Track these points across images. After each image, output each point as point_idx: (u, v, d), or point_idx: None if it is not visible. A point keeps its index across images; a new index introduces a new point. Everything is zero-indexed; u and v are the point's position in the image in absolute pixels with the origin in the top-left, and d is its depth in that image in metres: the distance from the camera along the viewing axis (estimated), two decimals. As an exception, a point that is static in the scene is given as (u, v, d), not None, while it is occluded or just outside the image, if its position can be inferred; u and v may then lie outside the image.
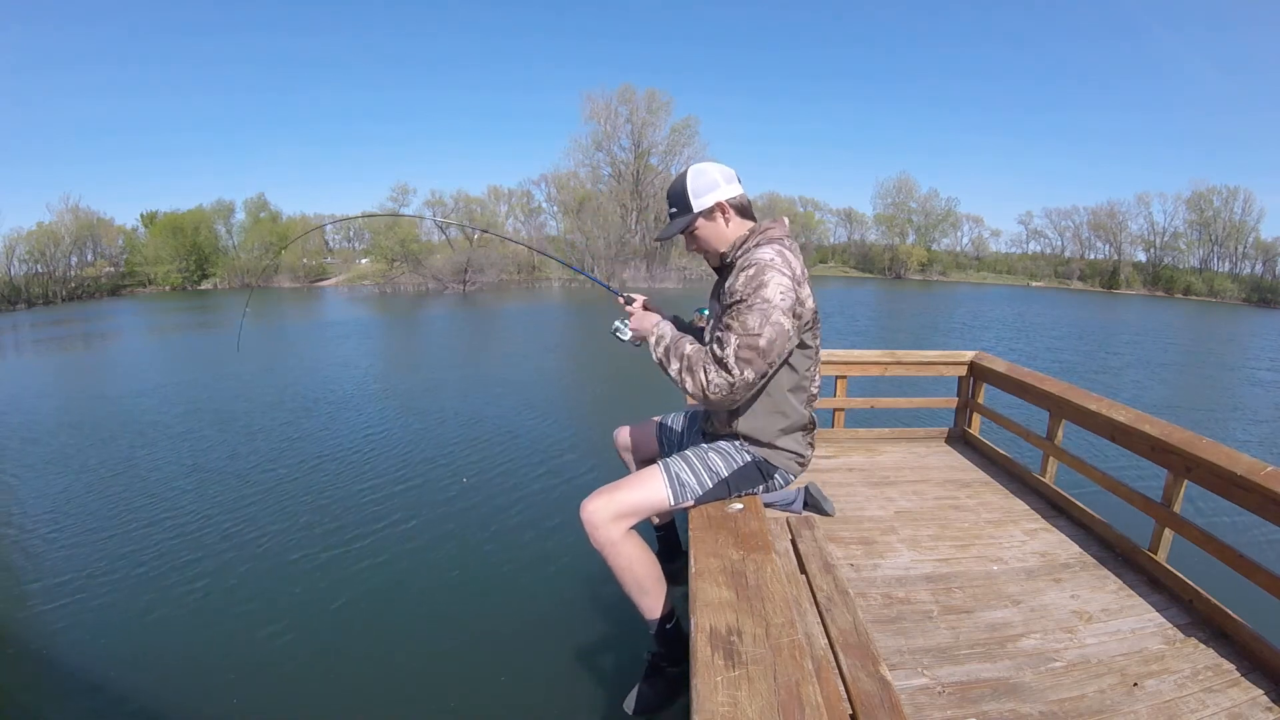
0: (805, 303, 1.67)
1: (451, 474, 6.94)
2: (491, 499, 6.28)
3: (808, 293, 1.68)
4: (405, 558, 5.13)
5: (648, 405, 10.53)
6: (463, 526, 5.67)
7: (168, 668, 3.87)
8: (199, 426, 9.16)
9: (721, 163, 1.80)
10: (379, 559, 5.10)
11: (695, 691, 1.06)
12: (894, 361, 4.65)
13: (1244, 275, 52.78)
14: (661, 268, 45.96)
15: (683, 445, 2.14)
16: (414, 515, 5.90)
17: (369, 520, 5.80)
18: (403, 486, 6.63)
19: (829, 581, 2.59)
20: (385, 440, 8.29)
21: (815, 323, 1.77)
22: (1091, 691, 2.08)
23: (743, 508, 1.80)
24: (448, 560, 5.09)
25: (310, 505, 6.18)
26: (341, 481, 6.82)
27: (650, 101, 47.60)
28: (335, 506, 6.13)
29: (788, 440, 1.88)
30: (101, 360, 17.18)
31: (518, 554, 5.19)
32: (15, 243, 42.54)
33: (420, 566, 5.01)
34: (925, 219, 62.13)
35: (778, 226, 1.77)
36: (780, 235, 1.74)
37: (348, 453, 7.80)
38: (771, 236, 1.74)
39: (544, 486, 6.63)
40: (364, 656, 3.92)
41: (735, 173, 1.79)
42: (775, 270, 1.60)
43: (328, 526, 5.68)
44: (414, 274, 43.47)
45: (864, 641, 2.19)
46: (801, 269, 1.68)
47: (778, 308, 1.58)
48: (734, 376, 1.60)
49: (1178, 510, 2.72)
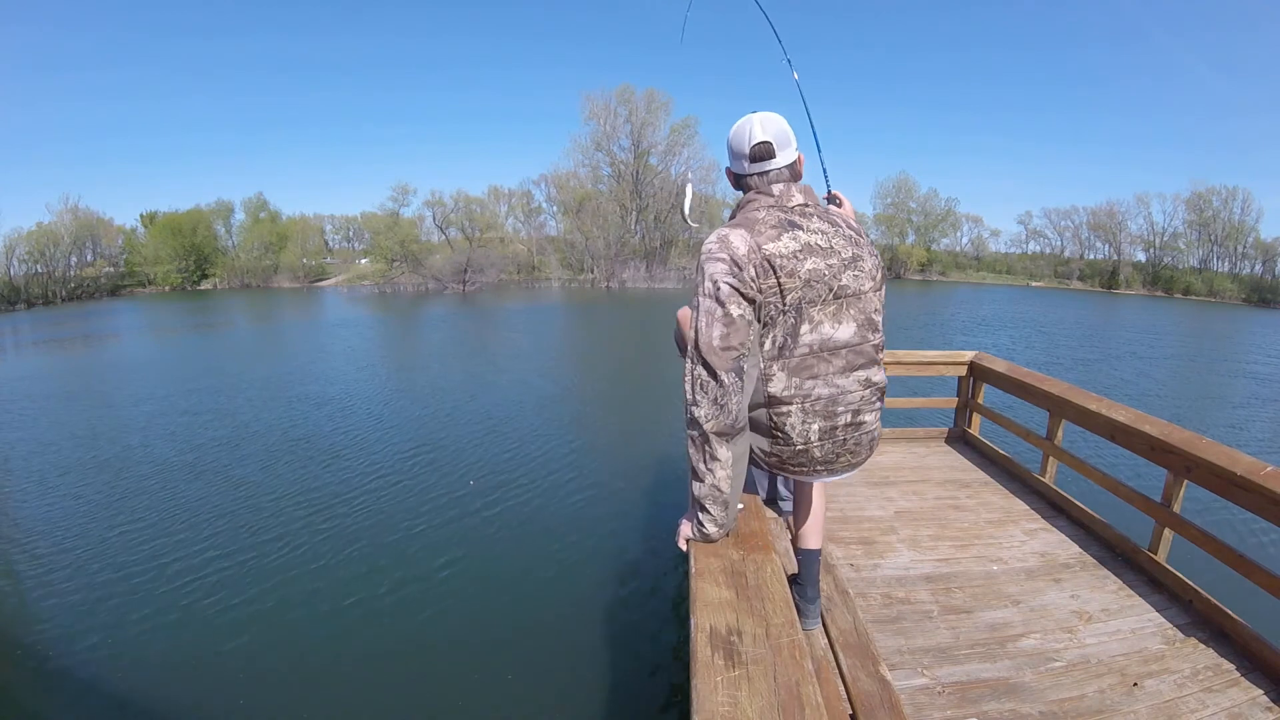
0: (752, 280, 1.51)
1: (458, 476, 6.93)
2: (497, 501, 6.27)
3: (756, 262, 1.51)
4: (409, 559, 5.13)
5: (651, 405, 10.55)
6: (469, 529, 5.67)
7: (170, 669, 3.87)
8: (200, 428, 9.16)
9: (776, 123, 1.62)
10: (383, 561, 5.10)
11: (695, 691, 1.06)
12: (894, 361, 4.64)
13: (1244, 275, 52.81)
14: (661, 267, 46.01)
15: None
16: (418, 517, 5.89)
17: (374, 521, 5.80)
18: (406, 488, 6.63)
19: (829, 581, 2.59)
20: (390, 441, 8.29)
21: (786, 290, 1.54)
22: (1091, 691, 2.08)
23: (743, 507, 1.79)
24: (452, 562, 5.09)
25: (313, 507, 6.18)
26: (345, 483, 6.81)
27: (650, 101, 47.68)
28: (340, 507, 6.13)
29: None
30: (103, 361, 17.18)
31: (521, 556, 5.19)
32: (15, 243, 42.61)
33: (424, 568, 5.00)
34: (925, 219, 62.13)
35: (761, 200, 1.61)
36: (760, 211, 1.59)
37: (351, 454, 7.80)
38: (754, 208, 1.60)
39: (548, 488, 6.62)
40: (366, 658, 3.92)
41: (781, 129, 1.63)
42: (710, 245, 1.53)
43: (331, 528, 5.68)
44: (413, 274, 43.48)
45: (864, 641, 2.19)
46: (757, 243, 1.51)
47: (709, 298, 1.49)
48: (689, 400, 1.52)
49: (1178, 510, 2.72)
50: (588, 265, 46.76)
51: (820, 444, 1.65)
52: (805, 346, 1.56)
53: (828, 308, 1.56)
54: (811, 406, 1.61)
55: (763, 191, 1.64)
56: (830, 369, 1.59)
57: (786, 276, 1.51)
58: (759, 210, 1.60)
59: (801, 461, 1.68)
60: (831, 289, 1.56)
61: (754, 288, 1.50)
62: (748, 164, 1.65)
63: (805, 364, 1.57)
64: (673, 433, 7.74)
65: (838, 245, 1.59)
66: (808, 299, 1.54)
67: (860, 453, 1.73)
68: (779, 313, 1.54)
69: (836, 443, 1.67)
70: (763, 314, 1.54)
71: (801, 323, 1.55)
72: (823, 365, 1.58)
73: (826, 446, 1.66)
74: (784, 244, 1.53)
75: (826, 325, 1.57)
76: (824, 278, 1.55)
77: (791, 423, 1.61)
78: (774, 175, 1.65)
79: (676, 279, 43.96)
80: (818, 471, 1.71)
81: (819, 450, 1.66)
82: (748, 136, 1.63)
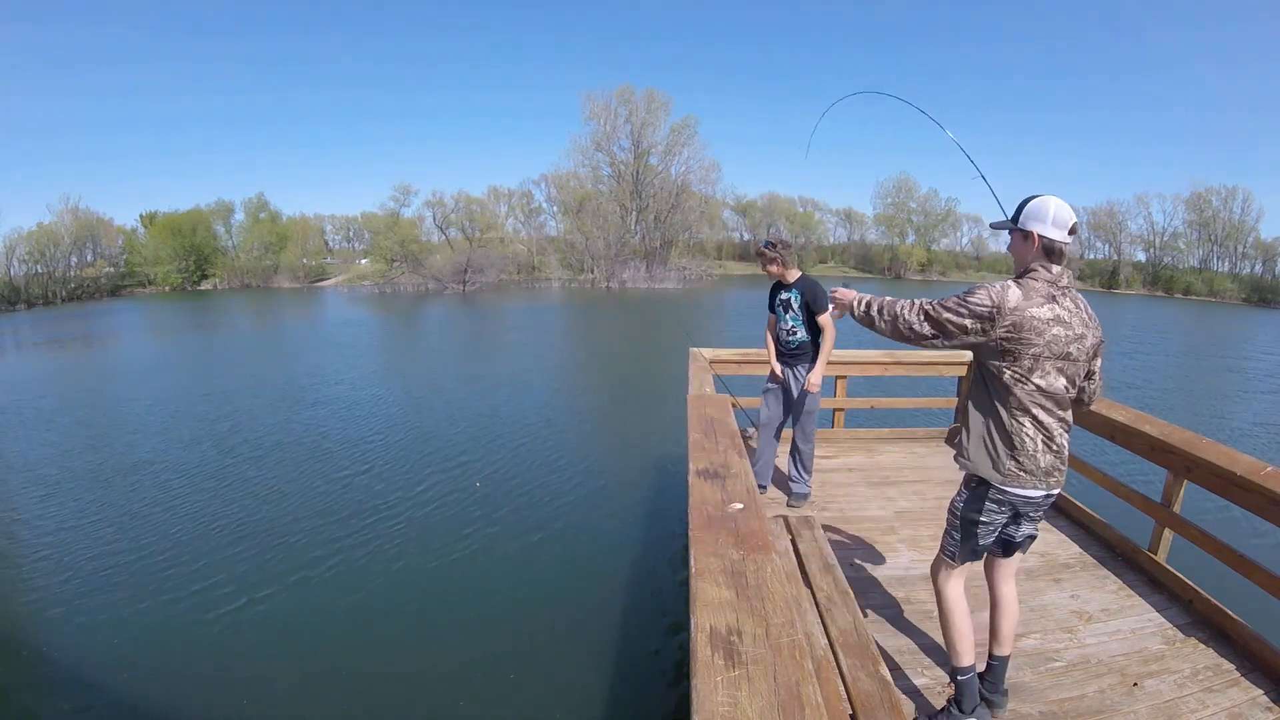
0: (992, 318, 1.81)
1: (464, 478, 6.91)
2: (499, 501, 6.27)
3: (1013, 319, 1.79)
4: (410, 558, 5.13)
5: (651, 405, 10.53)
6: (471, 528, 5.66)
7: (171, 670, 3.87)
8: (202, 429, 9.16)
9: (1061, 207, 1.87)
10: (385, 561, 5.10)
11: (695, 691, 1.06)
12: (894, 361, 4.65)
13: (1243, 275, 52.83)
14: (661, 267, 46.02)
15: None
16: (423, 519, 5.89)
17: (376, 522, 5.79)
18: (410, 489, 6.62)
19: (829, 581, 2.59)
20: (394, 442, 8.29)
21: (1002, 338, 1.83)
22: (1091, 691, 2.08)
23: (743, 507, 1.79)
24: (453, 561, 5.09)
25: (314, 507, 6.19)
26: (346, 483, 6.81)
27: (649, 101, 47.70)
28: (343, 509, 6.13)
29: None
30: (104, 362, 17.19)
31: (522, 555, 5.19)
32: (15, 243, 42.64)
33: (425, 568, 5.00)
34: (925, 219, 62.20)
35: (1042, 273, 1.87)
36: (1039, 282, 1.85)
37: (350, 454, 7.79)
38: (1035, 278, 1.86)
39: (549, 488, 6.62)
40: (366, 656, 3.92)
41: (1074, 223, 1.89)
42: (995, 285, 1.85)
43: (332, 528, 5.68)
44: (414, 274, 43.49)
45: (864, 641, 2.19)
46: (1023, 304, 1.80)
47: (967, 303, 1.83)
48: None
49: (1178, 510, 2.72)
50: (588, 265, 46.76)
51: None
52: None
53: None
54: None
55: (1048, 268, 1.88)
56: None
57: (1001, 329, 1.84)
58: (1038, 278, 1.86)
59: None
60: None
61: (987, 323, 1.85)
62: (1060, 231, 1.86)
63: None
64: (673, 433, 7.73)
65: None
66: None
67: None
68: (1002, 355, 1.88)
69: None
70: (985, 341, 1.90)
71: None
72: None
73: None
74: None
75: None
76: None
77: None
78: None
79: (676, 279, 43.96)
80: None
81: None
82: (1068, 214, 1.86)
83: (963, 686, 1.94)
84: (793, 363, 3.72)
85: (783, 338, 3.73)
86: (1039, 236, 1.85)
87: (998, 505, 1.90)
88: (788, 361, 3.75)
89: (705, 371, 4.07)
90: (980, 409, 1.93)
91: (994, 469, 1.88)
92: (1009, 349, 1.81)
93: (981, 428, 1.91)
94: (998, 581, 2.08)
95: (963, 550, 1.97)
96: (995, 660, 2.05)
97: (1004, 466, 1.86)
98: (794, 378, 3.73)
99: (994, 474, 1.88)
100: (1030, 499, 1.88)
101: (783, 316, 3.70)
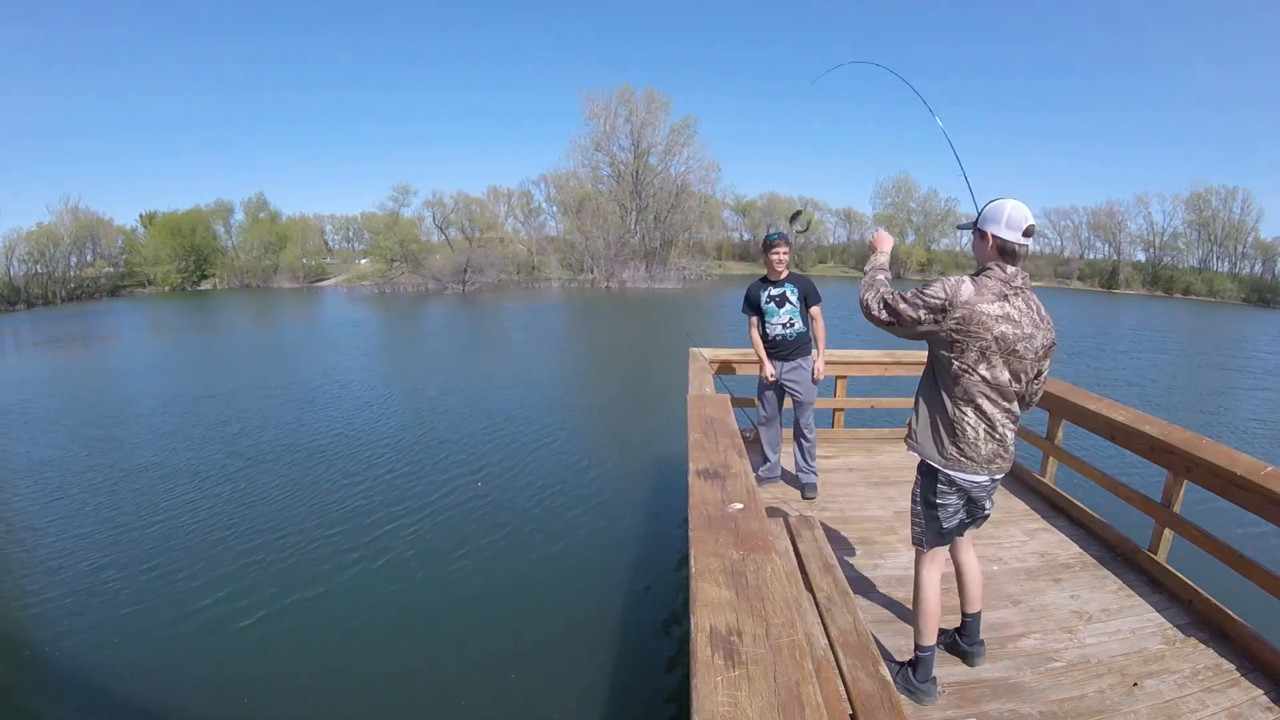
0: (944, 310, 1.89)
1: (464, 478, 6.91)
2: (499, 502, 6.27)
3: (963, 313, 1.88)
4: (411, 557, 5.12)
5: (651, 405, 10.52)
6: (472, 529, 5.66)
7: (175, 670, 3.87)
8: (203, 430, 9.16)
9: (1017, 208, 1.93)
10: (387, 561, 5.09)
11: (695, 691, 1.06)
12: (894, 361, 4.65)
13: (1243, 275, 52.80)
14: (661, 267, 46.00)
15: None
16: (424, 520, 5.88)
17: (377, 522, 5.79)
18: (412, 491, 6.62)
19: (829, 581, 2.59)
20: (393, 443, 8.29)
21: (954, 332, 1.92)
22: (1091, 691, 2.08)
23: (742, 507, 1.79)
24: (454, 561, 5.08)
25: (315, 507, 6.18)
26: (347, 483, 6.81)
27: (649, 101, 47.67)
28: (343, 509, 6.12)
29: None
30: (105, 362, 17.18)
31: (522, 556, 5.19)
32: (15, 243, 42.64)
33: (426, 567, 5.00)
34: (925, 219, 62.18)
35: (996, 272, 1.95)
36: (993, 280, 1.93)
37: (352, 455, 7.79)
38: (989, 276, 1.94)
39: (550, 489, 6.61)
40: (368, 656, 3.92)
41: (1029, 225, 1.95)
42: (951, 280, 1.93)
43: (334, 529, 5.67)
44: (413, 274, 43.47)
45: (864, 641, 2.19)
46: (974, 299, 1.88)
47: (924, 293, 1.92)
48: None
49: (1178, 510, 2.72)
50: (587, 265, 46.75)
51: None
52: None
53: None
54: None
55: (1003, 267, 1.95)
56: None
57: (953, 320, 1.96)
58: (992, 276, 1.94)
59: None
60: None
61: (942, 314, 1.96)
62: (1013, 232, 1.92)
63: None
64: (673, 433, 7.73)
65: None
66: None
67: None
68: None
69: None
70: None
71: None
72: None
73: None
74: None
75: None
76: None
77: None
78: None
79: (676, 279, 43.93)
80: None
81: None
82: (1023, 216, 1.92)
83: (922, 661, 2.10)
84: (793, 355, 3.76)
85: (781, 332, 3.74)
86: (994, 237, 1.95)
87: (948, 486, 2.03)
88: (787, 355, 3.76)
89: (705, 371, 4.07)
90: (928, 397, 2.06)
91: (938, 453, 2.03)
92: (958, 340, 1.91)
93: (928, 415, 2.05)
94: (957, 553, 2.26)
95: (929, 535, 2.12)
96: (969, 617, 2.26)
97: (947, 451, 2.01)
98: (799, 367, 3.77)
99: (938, 458, 2.03)
100: (975, 482, 2.02)
101: (776, 312, 3.72)
